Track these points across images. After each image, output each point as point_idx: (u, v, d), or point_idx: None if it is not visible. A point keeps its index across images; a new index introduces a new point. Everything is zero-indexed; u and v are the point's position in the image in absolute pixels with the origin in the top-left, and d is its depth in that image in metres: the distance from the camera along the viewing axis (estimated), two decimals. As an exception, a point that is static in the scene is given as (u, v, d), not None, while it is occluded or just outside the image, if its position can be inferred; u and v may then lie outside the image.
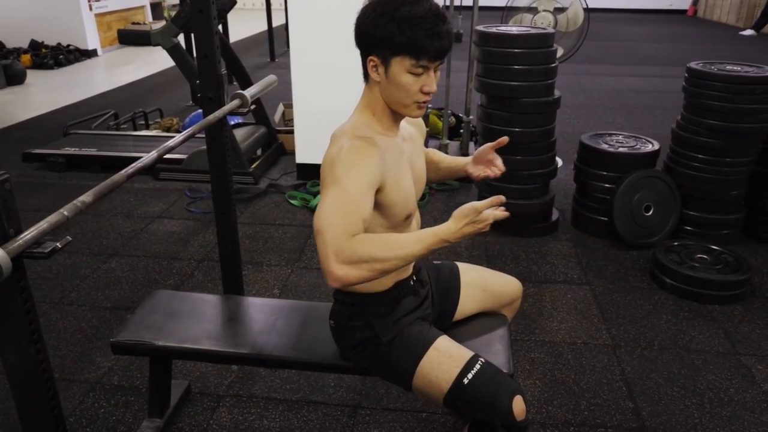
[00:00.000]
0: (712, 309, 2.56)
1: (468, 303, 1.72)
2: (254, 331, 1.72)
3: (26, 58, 7.93)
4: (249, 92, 2.14)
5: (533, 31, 2.96)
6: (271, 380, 2.13)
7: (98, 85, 6.98)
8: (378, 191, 1.31)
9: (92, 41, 8.69)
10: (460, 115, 4.32)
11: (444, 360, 1.42)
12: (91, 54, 8.71)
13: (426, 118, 4.04)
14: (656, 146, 3.10)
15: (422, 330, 1.48)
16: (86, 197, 1.24)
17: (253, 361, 1.64)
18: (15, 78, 6.99)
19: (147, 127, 4.96)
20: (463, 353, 1.44)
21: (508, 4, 4.27)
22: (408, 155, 1.44)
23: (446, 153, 3.92)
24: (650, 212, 3.00)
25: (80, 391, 2.08)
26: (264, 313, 1.80)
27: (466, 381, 1.39)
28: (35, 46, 8.38)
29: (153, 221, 3.39)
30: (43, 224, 1.11)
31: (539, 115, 3.00)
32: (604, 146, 3.09)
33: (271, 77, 2.48)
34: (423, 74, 1.28)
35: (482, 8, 4.24)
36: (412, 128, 1.54)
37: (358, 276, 1.19)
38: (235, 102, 2.08)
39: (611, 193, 3.00)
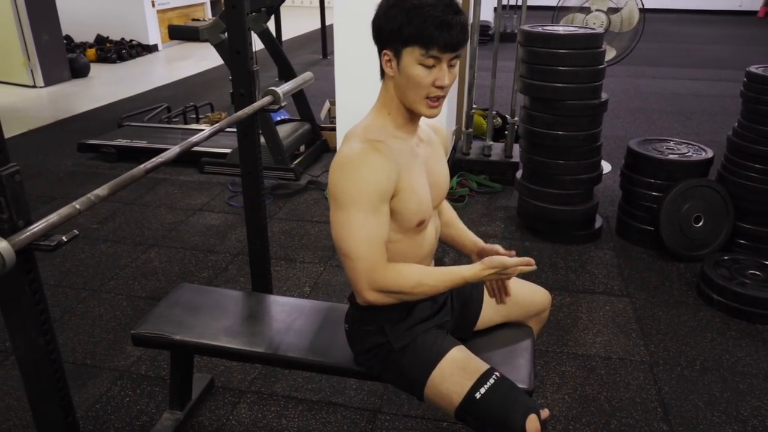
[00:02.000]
0: (763, 329, 2.40)
1: (491, 312, 1.65)
2: (272, 329, 1.71)
3: (91, 53, 8.26)
4: (282, 89, 2.14)
5: (580, 31, 2.85)
6: (293, 379, 2.12)
7: (156, 79, 7.19)
8: (392, 197, 1.28)
9: (153, 36, 8.98)
10: (507, 116, 4.22)
11: (456, 372, 1.37)
12: (152, 49, 9.00)
13: (470, 118, 3.97)
14: (710, 154, 2.93)
15: (436, 339, 1.43)
16: (101, 191, 1.26)
17: (268, 360, 1.63)
18: (79, 71, 7.29)
19: (197, 120, 5.07)
20: (478, 366, 1.38)
21: (560, 4, 4.13)
22: (424, 158, 1.40)
23: (489, 154, 3.85)
24: (700, 223, 2.84)
25: (108, 378, 2.13)
26: (284, 312, 1.79)
27: (478, 395, 1.33)
28: (100, 41, 8.72)
29: (194, 214, 3.46)
30: (53, 217, 1.12)
31: (584, 119, 2.88)
32: (653, 152, 2.95)
33: (307, 74, 2.48)
34: (435, 67, 1.23)
35: (532, 8, 4.15)
36: (432, 132, 1.49)
37: (387, 301, 1.31)
38: (267, 98, 2.08)
39: (659, 202, 2.86)
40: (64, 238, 1.09)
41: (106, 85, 6.89)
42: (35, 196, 3.59)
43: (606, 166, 4.09)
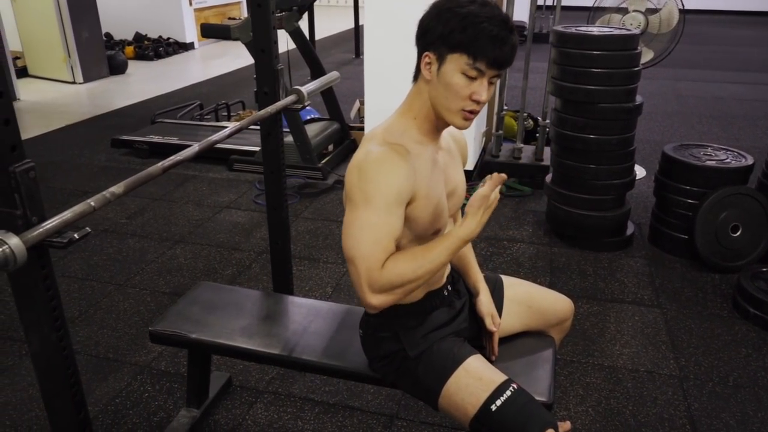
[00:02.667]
0: (803, 347, 2.29)
1: (511, 320, 1.61)
2: (288, 331, 1.70)
3: (130, 50, 8.43)
4: (306, 88, 2.12)
5: (615, 32, 2.76)
6: (311, 380, 2.11)
7: (190, 76, 7.30)
8: (407, 204, 1.25)
9: (190, 35, 9.12)
10: (539, 118, 4.13)
11: (472, 382, 1.33)
12: (188, 47, 9.14)
13: (501, 120, 3.90)
14: (750, 161, 2.81)
15: (452, 347, 1.40)
16: (117, 188, 1.25)
17: (282, 362, 1.61)
18: (117, 68, 7.45)
19: (228, 118, 5.12)
20: (494, 376, 1.33)
21: (596, 4, 4.03)
22: (442, 166, 1.36)
23: (519, 157, 3.78)
24: (738, 233, 2.72)
25: (129, 373, 2.15)
26: (301, 314, 1.77)
27: (493, 407, 1.29)
28: (139, 39, 8.90)
29: (221, 211, 3.48)
30: (66, 214, 1.12)
31: (617, 122, 2.80)
32: (690, 158, 2.84)
33: (333, 74, 2.46)
34: (476, 80, 1.19)
35: (568, 8, 4.05)
36: (452, 141, 1.45)
37: (394, 300, 1.23)
38: (291, 97, 2.07)
39: (694, 210, 2.76)
40: (75, 235, 1.08)
41: (142, 82, 7.02)
42: (69, 190, 3.66)
43: (640, 172, 3.97)
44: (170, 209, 3.49)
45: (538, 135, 3.88)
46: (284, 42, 4.44)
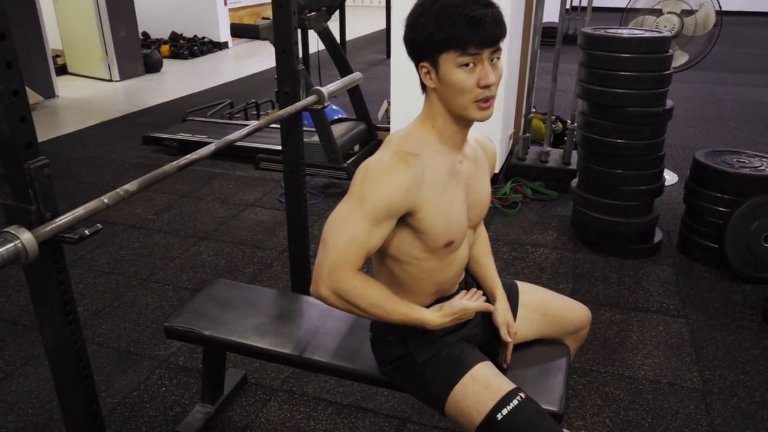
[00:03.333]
0: (836, 363, 2.20)
1: (525, 327, 1.58)
2: (301, 331, 1.70)
3: (165, 49, 8.60)
4: (327, 89, 2.13)
5: (646, 34, 2.70)
6: (325, 380, 2.11)
7: (223, 75, 7.40)
8: (410, 215, 1.24)
9: (224, 34, 9.25)
10: (568, 121, 4.07)
11: (479, 390, 1.31)
12: (222, 46, 9.28)
13: (529, 122, 3.85)
14: (785, 169, 2.72)
15: (461, 353, 1.38)
16: (130, 186, 1.27)
17: (293, 362, 1.62)
18: (153, 66, 7.60)
19: (258, 117, 5.17)
20: (502, 385, 1.31)
21: (629, 5, 3.94)
22: (465, 176, 1.33)
23: (546, 160, 3.73)
24: (771, 243, 2.63)
25: (148, 367, 2.18)
26: (314, 314, 1.78)
27: (499, 416, 1.27)
28: (174, 38, 9.06)
29: (246, 209, 3.52)
30: (79, 210, 1.14)
31: (646, 127, 2.73)
32: (722, 165, 2.76)
33: (356, 74, 2.46)
34: (476, 66, 1.17)
35: (601, 9, 3.97)
36: (480, 150, 1.41)
37: (336, 305, 1.26)
38: (312, 98, 2.08)
39: (725, 218, 2.67)
40: (86, 231, 1.11)
41: (176, 81, 7.15)
42: (99, 185, 3.75)
43: (671, 177, 3.88)
44: (196, 206, 3.55)
45: (566, 138, 3.82)
46: (315, 42, 4.48)
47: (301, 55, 5.38)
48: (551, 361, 1.57)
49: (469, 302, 1.33)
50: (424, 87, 1.28)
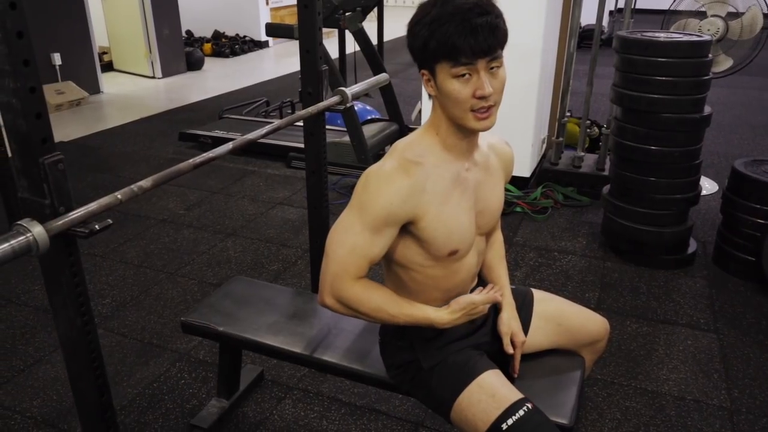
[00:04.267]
0: None
1: (538, 337, 1.54)
2: (313, 330, 1.71)
3: (208, 47, 8.77)
4: (351, 89, 2.13)
5: (684, 38, 2.61)
6: (340, 381, 2.11)
7: (262, 74, 7.51)
8: (412, 224, 1.23)
9: (265, 33, 9.36)
10: (604, 126, 3.97)
11: (485, 398, 1.29)
12: (263, 45, 9.41)
13: (563, 126, 3.77)
14: (830, 181, 2.59)
15: (468, 360, 1.36)
16: (145, 183, 1.30)
17: (303, 361, 1.63)
18: (194, 64, 7.76)
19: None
20: (509, 394, 1.29)
21: (672, 7, 3.83)
22: (473, 183, 1.30)
23: (580, 166, 3.65)
24: (811, 258, 2.51)
25: (169, 359, 2.23)
26: (329, 314, 1.77)
27: (504, 426, 1.24)
28: (217, 36, 9.24)
29: (274, 207, 3.55)
30: (92, 205, 1.17)
31: (681, 134, 2.64)
32: (762, 175, 2.65)
33: (382, 75, 2.45)
34: (472, 77, 1.14)
35: (644, 11, 3.86)
36: (494, 156, 1.37)
37: (342, 312, 1.29)
38: (335, 98, 2.08)
39: (763, 231, 2.57)
40: (97, 226, 1.13)
41: (216, 79, 7.28)
42: (135, 180, 3.81)
43: (711, 186, 3.75)
44: (226, 203, 3.60)
45: (601, 144, 3.73)
46: (353, 43, 4.49)
47: (337, 55, 5.38)
48: (565, 372, 1.53)
49: (476, 295, 1.31)
50: (429, 94, 1.26)
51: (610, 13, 8.59)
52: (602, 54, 3.59)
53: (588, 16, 4.51)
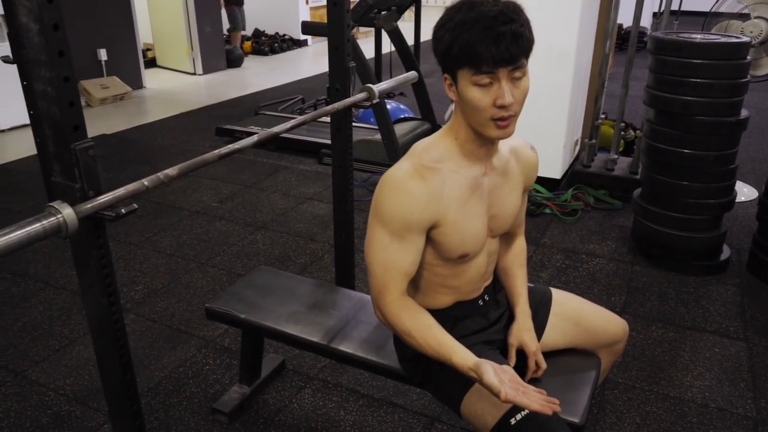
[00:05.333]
0: None
1: (555, 336, 1.54)
2: (332, 321, 1.74)
3: (248, 45, 8.94)
4: (378, 87, 2.16)
5: (721, 39, 2.55)
6: (360, 373, 2.14)
7: (299, 71, 7.61)
8: (431, 228, 1.25)
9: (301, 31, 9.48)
10: (639, 129, 3.91)
11: (495, 392, 1.30)
12: (302, 44, 9.54)
13: (596, 128, 3.72)
14: None
15: (480, 355, 1.33)
16: (171, 171, 1.35)
17: (320, 350, 1.66)
18: (234, 61, 7.92)
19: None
20: (519, 389, 1.29)
21: (713, 9, 3.74)
22: (489, 188, 1.30)
23: (613, 169, 3.60)
24: None
25: (196, 345, 2.30)
26: (347, 306, 1.81)
27: (513, 421, 1.25)
28: (257, 35, 9.40)
29: (305, 202, 3.61)
30: (120, 191, 1.22)
31: (716, 137, 2.59)
32: (800, 181, 2.57)
33: (411, 74, 2.47)
34: (492, 85, 1.13)
35: (688, 13, 3.78)
36: (513, 160, 1.36)
37: (389, 326, 1.30)
38: (362, 95, 2.11)
39: (800, 239, 2.50)
40: (123, 210, 1.18)
41: (255, 76, 7.42)
42: (172, 172, 3.95)
43: (750, 193, 3.65)
44: (258, 197, 3.68)
45: (636, 147, 3.67)
46: (389, 42, 4.53)
47: (373, 54, 5.41)
48: (579, 372, 1.53)
49: (510, 390, 1.12)
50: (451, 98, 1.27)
51: (654, 14, 8.42)
52: (644, 56, 3.53)
53: (630, 18, 4.44)
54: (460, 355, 1.20)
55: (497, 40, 1.08)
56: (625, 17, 3.83)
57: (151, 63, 7.68)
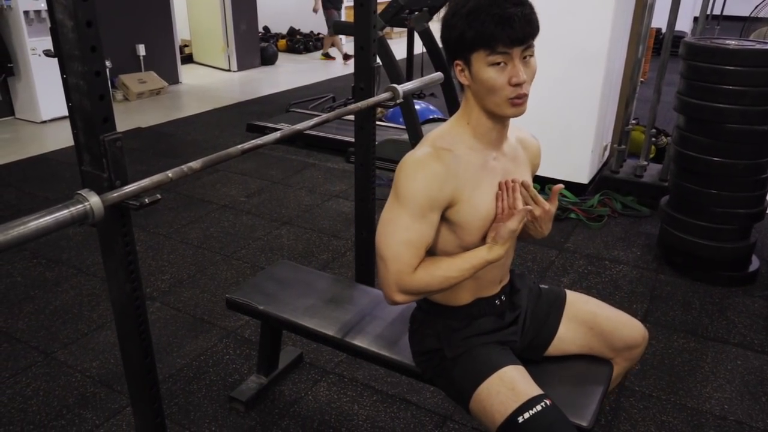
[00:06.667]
0: None
1: (568, 340, 1.54)
2: (348, 315, 1.77)
3: (282, 43, 9.06)
4: (403, 87, 2.18)
5: (757, 46, 2.50)
6: (375, 369, 2.17)
7: (332, 70, 7.68)
8: (448, 209, 1.27)
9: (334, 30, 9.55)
10: (670, 135, 3.84)
11: (504, 391, 1.31)
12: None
13: (627, 134, 3.68)
14: None
15: (492, 353, 1.38)
16: (195, 164, 1.40)
17: (334, 343, 1.69)
18: (268, 59, 8.04)
19: (356, 113, 5.33)
20: (528, 389, 1.30)
21: (752, 14, 3.66)
22: (500, 172, 1.33)
23: (641, 175, 3.55)
24: None
25: (217, 335, 2.35)
26: (363, 302, 1.84)
27: (520, 420, 1.26)
28: (292, 33, 9.52)
29: (330, 199, 3.66)
30: (145, 181, 1.27)
31: (748, 146, 2.54)
32: (834, 193, 2.51)
33: (436, 75, 2.49)
34: (507, 65, 1.19)
35: (730, 18, 3.71)
36: (520, 148, 1.41)
37: (416, 299, 1.38)
38: (386, 94, 2.14)
39: (831, 252, 2.43)
40: (146, 200, 1.23)
41: (288, 74, 7.51)
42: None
43: (784, 204, 3.55)
44: (285, 193, 3.74)
45: (666, 154, 3.61)
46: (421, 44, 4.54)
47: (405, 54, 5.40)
48: (591, 376, 1.52)
49: (510, 222, 1.26)
50: (461, 85, 1.30)
51: (695, 19, 8.24)
52: (674, 61, 3.48)
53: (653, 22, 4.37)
54: (485, 251, 1.29)
55: (511, 20, 1.15)
56: (663, 21, 3.77)
57: (188, 59, 7.84)
